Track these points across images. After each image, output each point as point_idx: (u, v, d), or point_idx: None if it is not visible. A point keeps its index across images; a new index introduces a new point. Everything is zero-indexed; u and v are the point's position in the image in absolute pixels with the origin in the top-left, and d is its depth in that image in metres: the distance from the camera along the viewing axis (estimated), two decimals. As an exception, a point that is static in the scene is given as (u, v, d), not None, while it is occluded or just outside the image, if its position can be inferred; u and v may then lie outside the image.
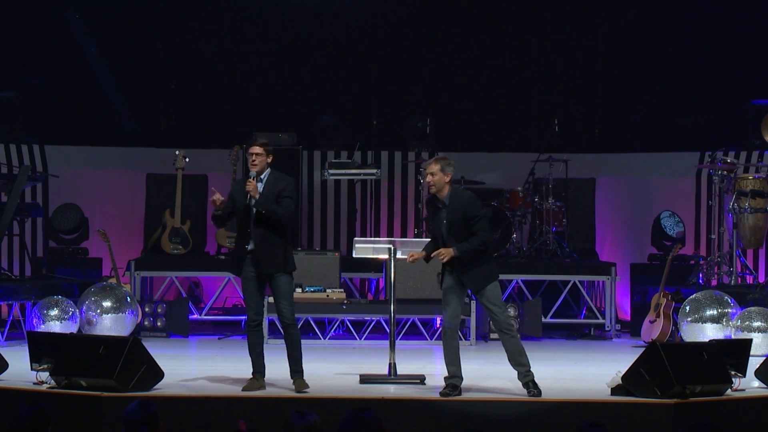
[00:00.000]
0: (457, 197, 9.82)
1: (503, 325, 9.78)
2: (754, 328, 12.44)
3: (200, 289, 15.58)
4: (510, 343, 9.74)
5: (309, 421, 6.04)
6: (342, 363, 11.67)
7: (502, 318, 9.79)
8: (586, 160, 16.24)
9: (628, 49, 16.80)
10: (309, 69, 16.94)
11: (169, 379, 10.02)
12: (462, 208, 9.74)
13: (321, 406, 9.28)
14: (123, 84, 16.75)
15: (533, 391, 9.63)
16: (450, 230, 9.75)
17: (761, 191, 13.98)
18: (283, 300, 10.02)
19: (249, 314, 10.09)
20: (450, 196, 9.80)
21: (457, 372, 9.79)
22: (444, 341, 9.90)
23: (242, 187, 10.06)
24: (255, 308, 10.05)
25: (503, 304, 10.21)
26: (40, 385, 9.86)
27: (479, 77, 16.86)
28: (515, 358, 9.75)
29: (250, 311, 10.07)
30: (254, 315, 10.06)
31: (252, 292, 10.04)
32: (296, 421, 6.04)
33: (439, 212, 9.82)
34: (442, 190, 9.79)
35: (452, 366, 9.80)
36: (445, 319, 9.94)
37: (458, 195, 9.88)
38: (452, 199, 9.78)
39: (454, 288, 9.82)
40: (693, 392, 9.41)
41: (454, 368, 9.79)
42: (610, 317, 14.42)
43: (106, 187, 16.19)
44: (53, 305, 12.87)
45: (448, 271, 9.84)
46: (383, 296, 14.50)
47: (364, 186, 16.02)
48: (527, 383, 9.70)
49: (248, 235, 9.97)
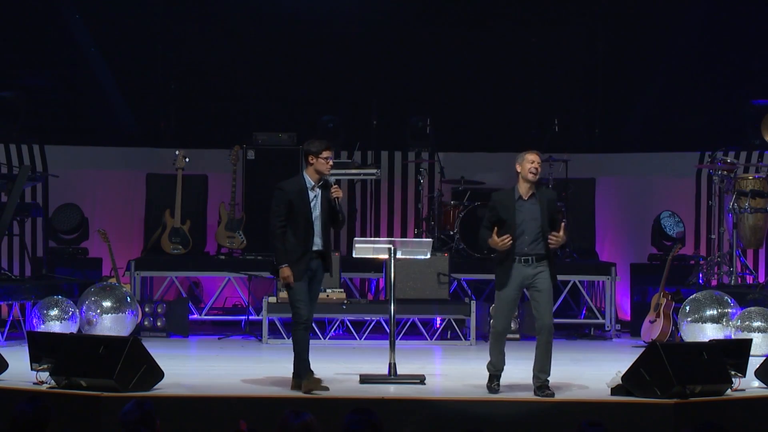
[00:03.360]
0: (542, 192, 10.01)
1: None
2: (754, 328, 12.45)
3: (200, 289, 15.58)
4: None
5: (305, 420, 6.04)
6: (342, 363, 11.67)
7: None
8: (586, 160, 16.24)
9: (628, 49, 16.80)
10: (309, 69, 16.94)
11: (169, 379, 10.01)
12: (548, 202, 9.90)
13: (321, 406, 9.30)
14: (123, 84, 16.74)
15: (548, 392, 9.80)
16: (541, 221, 9.82)
17: (761, 191, 13.98)
18: (315, 302, 10.11)
19: (303, 314, 9.92)
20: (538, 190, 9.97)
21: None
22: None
23: (301, 192, 9.91)
24: (307, 307, 9.97)
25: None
26: (40, 385, 9.86)
27: (479, 77, 16.86)
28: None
29: (303, 311, 9.92)
30: (308, 314, 9.98)
31: (306, 291, 9.97)
32: (292, 420, 6.05)
33: (521, 204, 9.83)
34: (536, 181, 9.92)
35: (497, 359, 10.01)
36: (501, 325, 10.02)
37: (542, 190, 10.09)
38: (540, 193, 9.94)
39: (517, 294, 9.94)
40: (693, 392, 9.41)
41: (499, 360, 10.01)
42: (610, 317, 14.43)
43: (106, 187, 16.18)
44: (53, 305, 12.87)
45: (523, 264, 9.82)
46: (383, 296, 14.50)
47: (364, 186, 16.03)
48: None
49: (313, 239, 9.90)
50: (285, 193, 9.94)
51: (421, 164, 16.02)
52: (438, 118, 16.08)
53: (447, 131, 16.20)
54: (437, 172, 15.62)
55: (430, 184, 15.93)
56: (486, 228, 9.93)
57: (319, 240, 9.96)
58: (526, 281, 9.86)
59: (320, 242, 9.97)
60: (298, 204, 9.91)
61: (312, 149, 9.95)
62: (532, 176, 9.85)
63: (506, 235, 9.75)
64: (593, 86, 17.25)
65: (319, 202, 9.98)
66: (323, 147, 9.96)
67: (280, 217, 9.91)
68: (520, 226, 9.79)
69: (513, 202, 9.87)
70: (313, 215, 9.93)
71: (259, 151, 15.29)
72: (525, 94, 17.01)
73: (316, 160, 9.92)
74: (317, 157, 9.92)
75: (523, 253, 9.81)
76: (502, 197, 9.98)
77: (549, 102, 16.77)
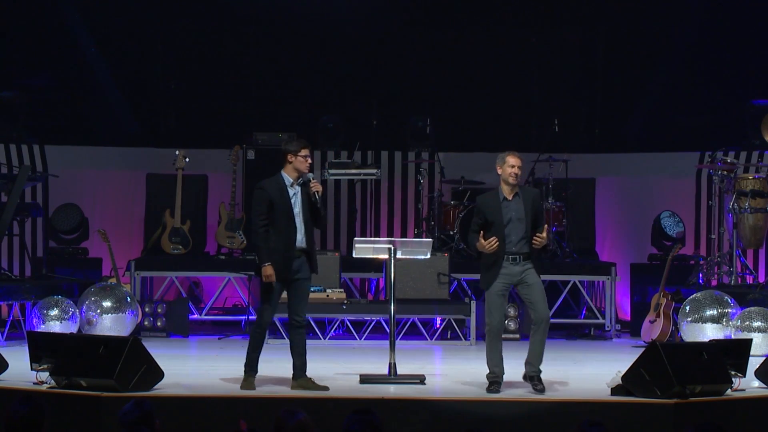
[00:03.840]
0: (526, 191, 10.14)
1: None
2: (754, 328, 12.44)
3: (200, 289, 15.58)
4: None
5: (300, 420, 6.06)
6: (342, 363, 11.67)
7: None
8: (586, 160, 16.24)
9: (628, 49, 16.79)
10: (309, 69, 16.94)
11: (169, 379, 10.01)
12: (532, 201, 10.02)
13: (321, 406, 9.30)
14: (123, 84, 16.74)
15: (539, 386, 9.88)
16: (526, 221, 9.92)
17: (761, 191, 13.97)
18: (305, 301, 10.16)
19: (267, 317, 10.10)
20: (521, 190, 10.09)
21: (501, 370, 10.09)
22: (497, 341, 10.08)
23: (280, 191, 10.00)
24: (275, 311, 10.14)
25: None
26: (40, 385, 9.85)
27: (479, 77, 16.85)
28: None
29: (270, 313, 10.09)
30: (272, 317, 10.18)
31: (279, 294, 10.07)
32: (287, 420, 6.06)
33: (506, 205, 9.93)
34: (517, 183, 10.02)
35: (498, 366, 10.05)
36: (495, 321, 10.06)
37: (525, 189, 10.24)
38: (524, 192, 10.06)
39: (505, 288, 10.02)
40: (693, 392, 9.41)
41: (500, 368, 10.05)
42: (610, 317, 14.43)
43: (106, 187, 16.18)
44: (53, 305, 12.87)
45: (511, 263, 9.93)
46: (383, 296, 14.50)
47: (364, 186, 16.02)
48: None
49: (295, 237, 9.97)
50: (265, 192, 10.05)
51: (421, 164, 16.02)
52: (438, 118, 16.08)
53: (447, 131, 16.20)
54: (437, 172, 15.62)
55: (430, 184, 15.93)
56: (474, 232, 10.08)
57: (301, 237, 10.03)
58: (514, 279, 10.01)
59: (303, 239, 10.04)
60: (278, 202, 10.01)
61: (290, 148, 10.09)
62: (513, 180, 9.99)
63: (492, 238, 9.87)
64: (593, 86, 17.25)
65: (299, 199, 10.06)
66: (301, 146, 10.12)
67: (262, 215, 10.00)
68: (507, 227, 9.94)
69: (498, 204, 9.99)
70: (294, 212, 10.02)
71: (259, 151, 15.30)
72: (525, 94, 17.01)
73: (294, 159, 10.06)
74: (296, 156, 10.06)
75: (512, 253, 9.96)
76: (487, 199, 10.12)
77: (549, 102, 16.77)
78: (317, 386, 10.02)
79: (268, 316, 10.14)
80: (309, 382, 10.07)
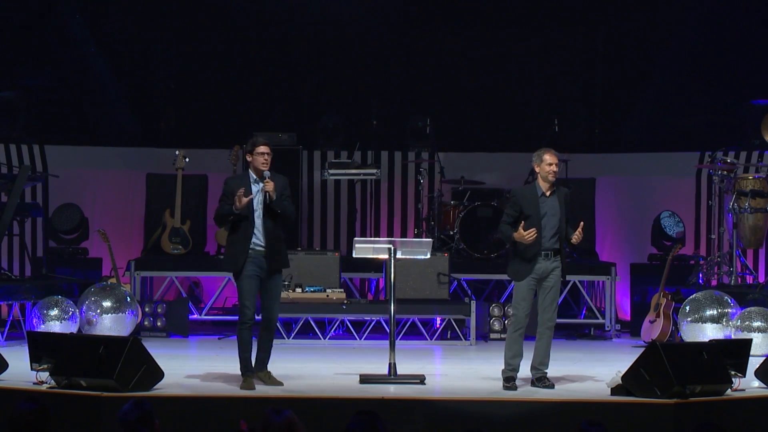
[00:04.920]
0: (559, 190, 10.28)
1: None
2: (754, 328, 12.44)
3: (200, 289, 15.58)
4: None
5: (287, 417, 6.06)
6: (342, 363, 11.67)
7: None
8: (586, 160, 16.24)
9: (628, 49, 16.79)
10: (309, 69, 16.94)
11: (169, 379, 10.02)
12: (565, 199, 10.21)
13: (321, 406, 9.29)
14: (123, 84, 16.74)
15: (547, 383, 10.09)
16: (560, 218, 10.11)
17: (761, 191, 13.98)
18: (277, 300, 10.27)
19: (247, 313, 10.18)
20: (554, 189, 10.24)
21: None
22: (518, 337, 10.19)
23: (243, 185, 10.09)
24: (253, 308, 10.20)
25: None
26: (40, 385, 9.86)
27: (479, 77, 16.85)
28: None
29: (248, 310, 10.18)
30: (252, 314, 10.19)
31: (253, 291, 10.16)
32: (275, 418, 6.06)
33: (543, 200, 10.10)
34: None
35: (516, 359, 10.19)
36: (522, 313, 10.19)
37: (559, 187, 10.37)
38: (558, 190, 10.23)
39: (536, 282, 10.16)
40: (693, 392, 9.41)
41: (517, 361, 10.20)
42: (610, 317, 14.43)
43: (106, 187, 16.18)
44: (53, 305, 12.87)
45: (543, 258, 10.11)
46: (383, 296, 14.50)
47: (364, 186, 16.02)
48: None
49: (252, 233, 10.04)
50: (228, 187, 10.22)
51: (421, 164, 16.02)
52: (438, 118, 16.08)
53: (447, 131, 16.20)
54: (437, 172, 15.62)
55: (430, 184, 15.93)
56: (507, 223, 10.21)
57: (260, 234, 10.08)
58: (544, 274, 10.15)
59: (262, 237, 10.08)
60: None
61: (247, 147, 10.26)
62: (552, 177, 10.21)
63: (532, 229, 10.00)
64: (593, 86, 17.24)
65: (261, 198, 10.12)
66: (257, 143, 10.22)
67: (222, 202, 10.19)
68: (543, 221, 10.10)
69: (536, 198, 10.16)
70: (253, 209, 10.06)
71: (259, 151, 15.27)
72: (525, 94, 17.01)
73: (252, 157, 10.19)
74: (252, 154, 10.19)
75: (545, 248, 10.13)
76: (526, 192, 10.31)
77: (549, 102, 16.77)
78: (275, 381, 10.13)
79: (250, 311, 10.17)
80: (267, 375, 10.20)
